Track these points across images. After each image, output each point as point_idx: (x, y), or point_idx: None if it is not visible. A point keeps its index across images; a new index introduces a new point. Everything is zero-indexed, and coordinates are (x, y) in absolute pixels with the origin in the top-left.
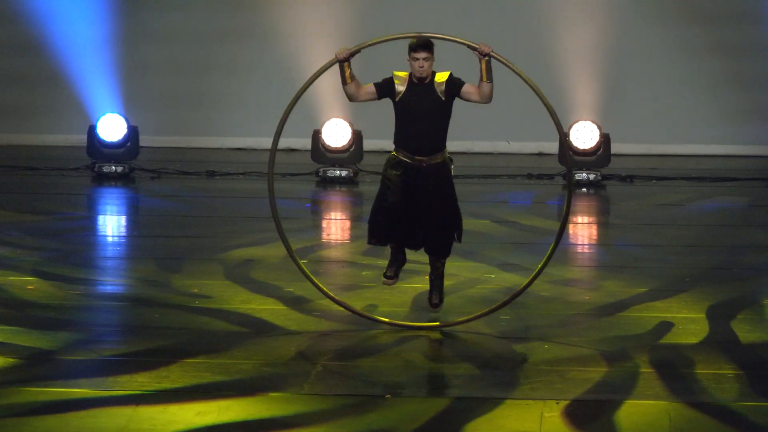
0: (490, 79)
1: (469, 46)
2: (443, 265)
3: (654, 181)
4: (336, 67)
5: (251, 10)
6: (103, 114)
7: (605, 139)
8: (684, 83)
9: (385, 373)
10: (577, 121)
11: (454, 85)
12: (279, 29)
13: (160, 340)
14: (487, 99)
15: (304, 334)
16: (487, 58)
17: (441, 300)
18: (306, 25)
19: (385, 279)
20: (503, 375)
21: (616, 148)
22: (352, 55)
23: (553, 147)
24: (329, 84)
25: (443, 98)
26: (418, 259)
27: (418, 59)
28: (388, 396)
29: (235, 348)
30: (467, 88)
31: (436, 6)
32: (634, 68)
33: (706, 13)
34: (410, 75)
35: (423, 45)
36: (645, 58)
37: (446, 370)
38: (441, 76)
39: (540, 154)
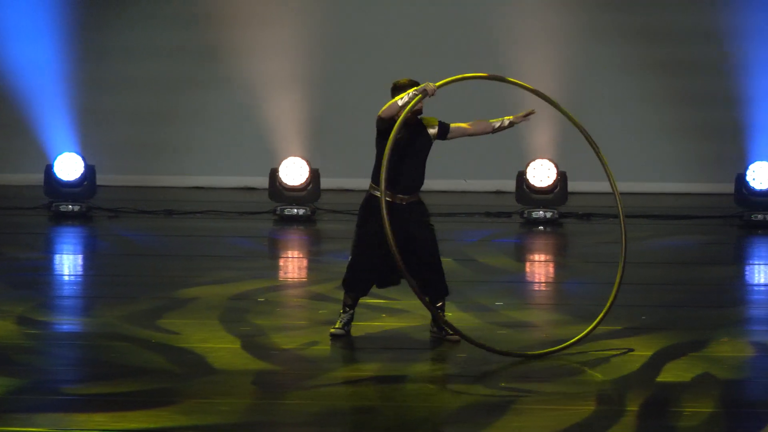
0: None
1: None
2: (444, 302)
3: (611, 219)
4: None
5: (212, 56)
6: (61, 153)
7: (562, 177)
8: (640, 122)
9: (343, 412)
10: (533, 160)
11: (444, 129)
12: (235, 71)
13: (118, 379)
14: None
15: (262, 372)
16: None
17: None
18: (265, 71)
19: (335, 331)
20: (461, 413)
21: (573, 186)
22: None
23: (510, 185)
24: (287, 122)
25: (432, 141)
26: (390, 295)
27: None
28: None
29: (193, 387)
30: (455, 130)
31: (397, 49)
32: (591, 107)
33: (662, 56)
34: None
35: (414, 83)
36: (601, 98)
37: (401, 410)
38: (431, 120)
39: (498, 192)
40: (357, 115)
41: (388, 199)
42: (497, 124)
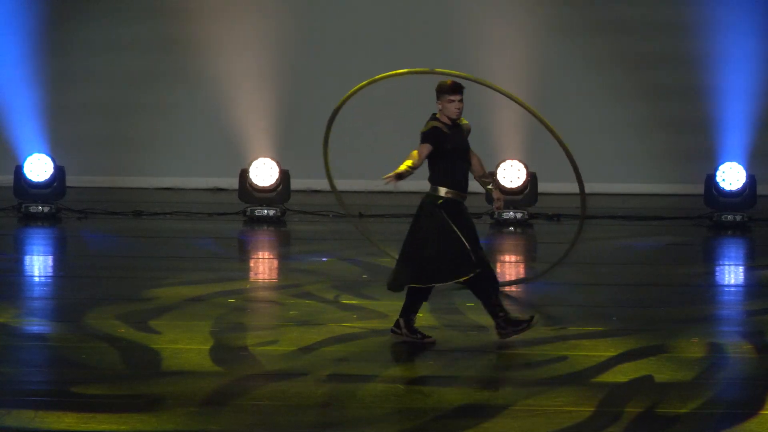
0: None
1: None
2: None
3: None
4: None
5: (178, 53)
6: (30, 154)
7: (532, 178)
8: (610, 123)
9: (313, 415)
10: (504, 160)
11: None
12: (204, 73)
13: (87, 380)
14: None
15: (232, 374)
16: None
17: None
18: (235, 71)
19: (427, 339)
20: (425, 415)
21: (543, 187)
22: (400, 176)
23: (479, 186)
24: (257, 123)
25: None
26: (367, 294)
27: (454, 101)
28: None
29: (162, 389)
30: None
31: (368, 49)
32: (561, 108)
33: (632, 56)
34: (444, 118)
35: (460, 88)
36: (572, 99)
37: (372, 411)
38: (466, 123)
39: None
40: (327, 117)
41: (456, 198)
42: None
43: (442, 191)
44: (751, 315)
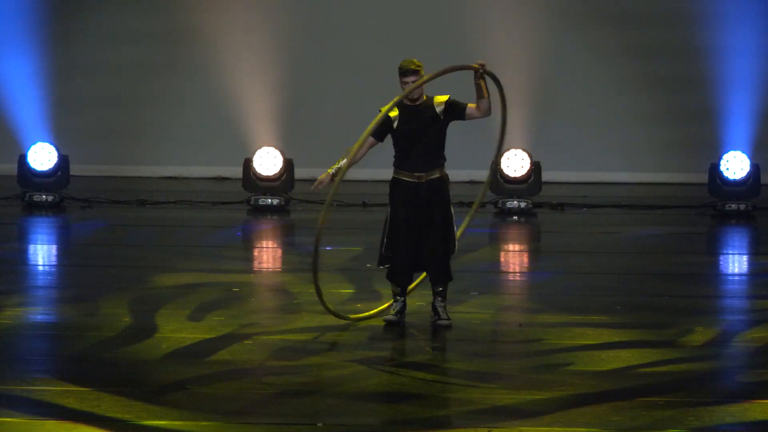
0: (488, 94)
1: (468, 67)
2: (446, 287)
3: (585, 209)
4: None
5: (181, 43)
6: (34, 143)
7: (536, 167)
8: (615, 113)
9: (317, 403)
10: (508, 149)
11: (453, 107)
12: (208, 62)
13: (91, 368)
14: (488, 113)
15: (236, 362)
16: (482, 77)
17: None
18: (239, 61)
19: (389, 317)
20: (429, 404)
21: (546, 176)
22: (332, 177)
23: (483, 175)
24: (261, 112)
25: (441, 117)
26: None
27: (408, 83)
28: (320, 424)
29: (165, 377)
30: (469, 111)
31: (371, 38)
32: (565, 97)
33: (637, 47)
34: (401, 100)
35: (412, 71)
36: (576, 88)
37: (377, 400)
38: (440, 99)
39: (471, 182)
40: (331, 105)
41: (407, 179)
42: (484, 92)
43: (394, 173)
44: (754, 303)
